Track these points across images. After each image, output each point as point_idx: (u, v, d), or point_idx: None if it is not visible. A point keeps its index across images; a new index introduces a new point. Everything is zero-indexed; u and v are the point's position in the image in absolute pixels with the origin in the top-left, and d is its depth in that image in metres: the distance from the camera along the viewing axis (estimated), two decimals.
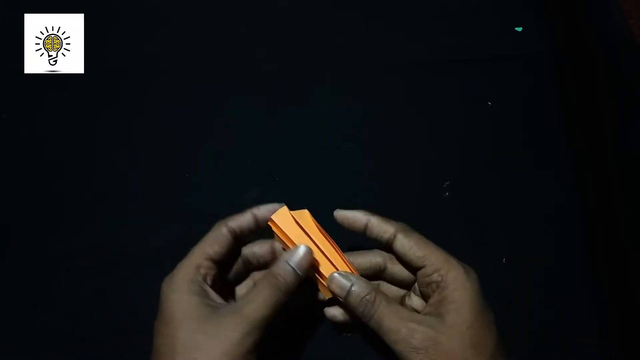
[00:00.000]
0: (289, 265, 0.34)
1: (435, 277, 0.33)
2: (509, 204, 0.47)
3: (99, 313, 0.43)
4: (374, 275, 0.38)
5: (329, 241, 0.37)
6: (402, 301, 0.38)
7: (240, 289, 0.39)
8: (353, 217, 0.37)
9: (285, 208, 0.37)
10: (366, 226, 0.36)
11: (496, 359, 0.32)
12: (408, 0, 0.56)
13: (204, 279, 0.34)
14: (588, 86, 0.52)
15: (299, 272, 0.34)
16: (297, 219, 0.36)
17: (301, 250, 0.34)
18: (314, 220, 0.37)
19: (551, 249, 0.45)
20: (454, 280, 0.33)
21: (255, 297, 0.32)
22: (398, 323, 0.32)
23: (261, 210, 0.37)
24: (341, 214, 0.37)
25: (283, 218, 0.36)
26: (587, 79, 0.52)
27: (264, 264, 0.39)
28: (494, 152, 0.49)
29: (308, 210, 0.38)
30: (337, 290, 0.35)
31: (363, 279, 0.36)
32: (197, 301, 0.32)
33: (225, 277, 0.37)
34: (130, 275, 0.44)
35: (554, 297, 0.43)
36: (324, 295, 0.38)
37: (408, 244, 0.35)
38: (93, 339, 0.42)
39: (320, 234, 0.37)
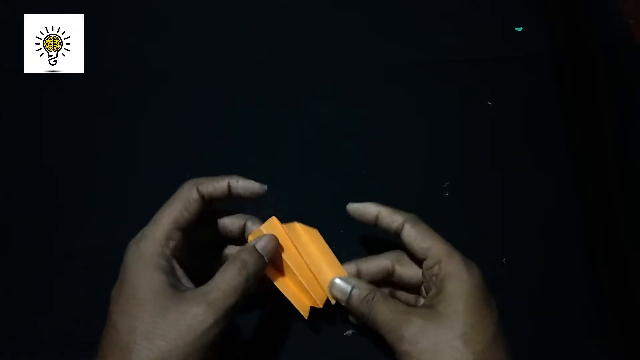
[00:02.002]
0: (256, 250, 0.33)
1: (435, 269, 0.33)
2: (509, 204, 0.47)
3: (99, 313, 0.43)
4: (383, 280, 0.38)
5: (322, 254, 0.37)
6: (412, 305, 0.38)
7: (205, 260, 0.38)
8: (364, 208, 0.37)
9: (274, 220, 0.36)
10: (377, 217, 0.36)
11: (489, 354, 0.31)
12: (409, 1, 0.56)
13: (173, 253, 0.32)
14: (588, 86, 0.52)
15: (265, 257, 0.33)
16: (288, 231, 0.36)
17: (267, 236, 0.34)
18: (304, 230, 0.38)
19: (551, 249, 0.45)
20: (452, 273, 0.32)
21: (222, 284, 0.31)
22: (391, 315, 0.32)
23: (239, 185, 0.35)
24: (353, 207, 0.37)
25: (272, 229, 0.36)
26: (587, 79, 0.52)
27: (232, 240, 0.38)
28: (494, 152, 0.49)
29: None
30: (338, 295, 0.35)
31: (362, 281, 0.36)
32: (163, 280, 0.30)
33: (190, 244, 0.36)
34: None
35: (554, 297, 0.43)
36: (303, 313, 0.37)
37: (414, 234, 0.35)
38: (93, 339, 0.42)
39: (309, 248, 0.37)
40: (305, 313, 0.36)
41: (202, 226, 0.36)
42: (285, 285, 0.36)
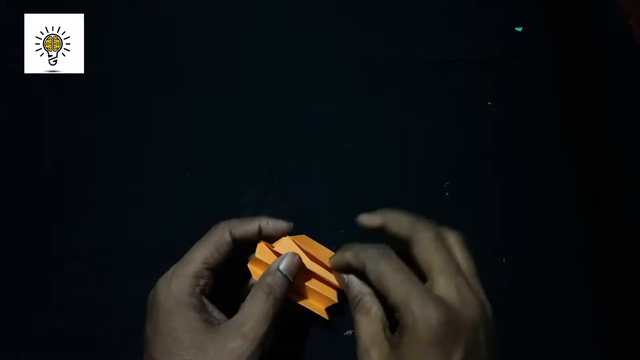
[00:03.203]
0: (280, 272, 0.34)
1: (395, 317, 0.31)
2: (509, 204, 0.47)
3: (99, 313, 0.43)
4: None
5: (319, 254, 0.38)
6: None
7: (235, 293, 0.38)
8: (335, 260, 0.37)
9: (262, 246, 0.37)
10: (347, 263, 0.35)
11: None
12: (408, 1, 0.56)
13: (202, 291, 0.33)
14: (588, 86, 0.52)
15: (289, 277, 0.34)
16: (281, 251, 0.37)
17: (288, 255, 0.35)
18: (296, 240, 0.38)
19: (551, 249, 0.45)
20: (407, 325, 0.30)
21: (252, 313, 0.32)
22: (361, 335, 0.33)
23: (270, 226, 0.37)
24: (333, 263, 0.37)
25: (261, 255, 0.37)
26: (587, 79, 0.52)
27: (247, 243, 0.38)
28: (494, 152, 0.49)
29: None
30: (340, 285, 0.36)
31: (358, 281, 0.36)
32: (197, 318, 0.31)
33: (218, 279, 0.37)
34: (130, 275, 0.44)
35: (554, 297, 0.43)
36: (322, 314, 0.39)
37: (373, 279, 0.33)
38: (93, 339, 0.42)
39: (307, 253, 0.38)
40: (324, 314, 0.38)
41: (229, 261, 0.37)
42: (298, 295, 0.38)
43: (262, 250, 0.37)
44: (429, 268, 0.32)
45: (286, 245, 0.38)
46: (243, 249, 0.38)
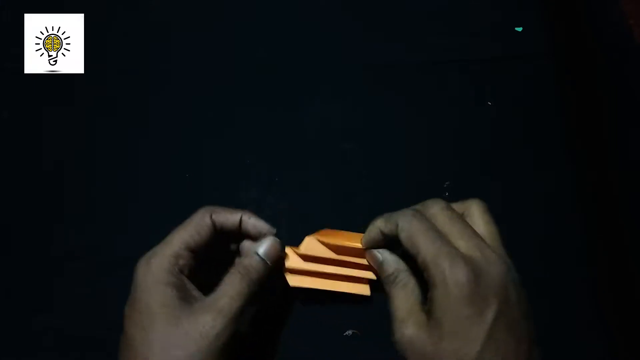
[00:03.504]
0: (258, 256, 0.35)
1: (425, 276, 0.32)
2: (509, 204, 0.47)
3: (99, 313, 0.43)
4: None
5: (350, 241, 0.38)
6: None
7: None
8: (367, 236, 0.37)
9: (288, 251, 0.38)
10: (381, 232, 0.36)
11: (487, 350, 0.29)
12: (408, 1, 0.56)
13: (181, 270, 0.34)
14: (588, 86, 0.52)
15: (268, 262, 0.35)
16: (308, 252, 0.38)
17: (269, 240, 0.36)
18: (336, 232, 0.39)
19: (551, 249, 0.45)
20: (436, 284, 0.31)
21: (228, 290, 0.33)
22: (397, 309, 0.33)
23: (250, 222, 0.37)
24: (364, 242, 0.37)
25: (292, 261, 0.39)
26: (587, 79, 0.52)
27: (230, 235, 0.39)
28: (494, 152, 0.49)
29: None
30: (373, 264, 0.37)
31: (395, 257, 0.36)
32: (173, 295, 0.32)
33: (204, 264, 0.37)
34: (130, 276, 0.44)
35: (554, 297, 0.43)
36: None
37: (404, 238, 0.33)
38: (93, 339, 0.42)
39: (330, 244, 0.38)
40: (366, 291, 0.39)
41: (213, 245, 0.38)
42: (334, 285, 0.39)
43: (290, 256, 0.38)
44: (448, 237, 0.33)
45: (311, 245, 0.38)
46: (227, 238, 0.38)
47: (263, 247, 0.36)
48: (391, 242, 0.36)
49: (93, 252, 0.45)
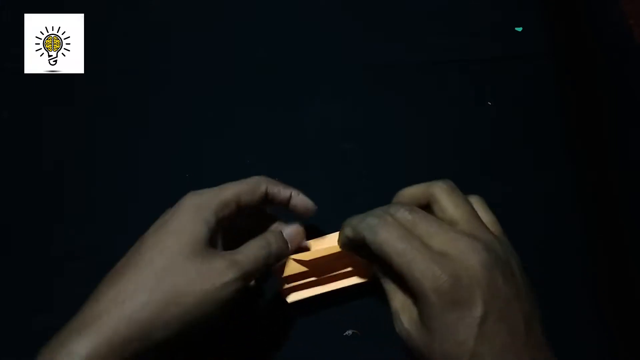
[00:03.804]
0: (282, 235, 0.37)
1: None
2: (509, 204, 0.47)
3: None
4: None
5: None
6: None
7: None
8: (345, 245, 0.36)
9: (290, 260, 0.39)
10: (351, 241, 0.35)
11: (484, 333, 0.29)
12: (408, 1, 0.56)
13: (222, 219, 0.34)
14: (588, 86, 0.52)
15: (289, 244, 0.37)
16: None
17: (295, 225, 0.38)
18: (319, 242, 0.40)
19: (551, 249, 0.45)
20: (459, 255, 0.30)
21: (246, 252, 0.34)
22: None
23: (299, 198, 0.38)
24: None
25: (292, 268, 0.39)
26: (587, 79, 0.52)
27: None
28: (494, 152, 0.49)
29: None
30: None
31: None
32: (205, 234, 0.33)
33: (235, 227, 0.38)
34: None
35: (554, 297, 0.43)
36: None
37: (375, 249, 0.32)
38: None
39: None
40: (367, 278, 0.40)
41: (251, 216, 0.39)
42: (333, 285, 0.40)
43: (290, 266, 0.39)
44: (419, 238, 0.31)
45: (292, 267, 0.38)
46: (262, 216, 0.40)
47: (288, 229, 0.38)
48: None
49: (93, 252, 0.45)
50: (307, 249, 0.39)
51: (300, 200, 0.38)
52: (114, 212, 0.47)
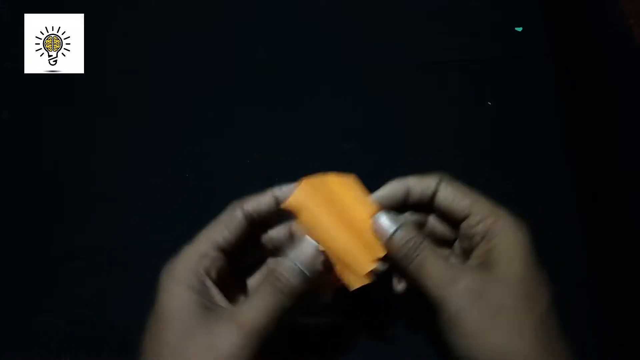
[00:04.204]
0: (295, 264, 0.29)
1: (480, 227, 0.30)
2: (508, 204, 0.47)
3: (99, 313, 0.43)
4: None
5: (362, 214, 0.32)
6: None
7: (253, 281, 0.34)
8: (391, 192, 0.33)
9: (303, 186, 0.32)
10: (407, 193, 0.33)
11: (550, 317, 0.29)
12: (408, 1, 0.56)
13: (207, 272, 0.30)
14: (588, 86, 0.52)
15: (307, 273, 0.29)
16: (322, 195, 0.32)
17: (309, 247, 0.29)
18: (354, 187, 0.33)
19: (551, 249, 0.45)
20: (503, 230, 0.30)
21: (254, 303, 0.28)
22: (442, 267, 0.28)
23: (283, 191, 0.33)
24: (379, 197, 0.33)
25: (303, 197, 0.32)
26: (587, 79, 0.52)
27: (282, 250, 0.33)
28: (494, 152, 0.49)
29: None
30: (380, 232, 0.31)
31: (410, 222, 0.32)
32: (194, 300, 0.28)
33: (239, 267, 0.33)
34: (130, 275, 0.44)
35: (554, 297, 0.43)
36: (351, 284, 0.32)
37: (451, 192, 0.32)
38: (93, 339, 0.42)
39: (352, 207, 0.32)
40: (366, 280, 0.32)
41: (252, 248, 0.34)
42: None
43: (306, 186, 0.33)
44: (472, 207, 0.31)
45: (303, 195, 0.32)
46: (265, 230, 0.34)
47: (301, 255, 0.29)
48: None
49: (93, 252, 0.45)
50: (333, 277, 0.32)
51: (283, 194, 0.33)
52: (114, 212, 0.47)
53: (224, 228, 0.31)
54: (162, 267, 0.34)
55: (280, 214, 0.33)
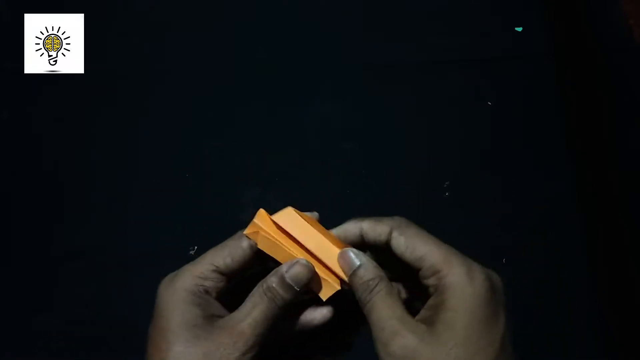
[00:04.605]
0: (286, 279, 0.31)
1: (432, 281, 0.29)
2: (509, 204, 0.47)
3: (99, 313, 0.43)
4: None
5: (325, 236, 0.35)
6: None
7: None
8: (344, 231, 0.32)
9: (262, 212, 0.34)
10: (361, 235, 0.32)
11: None
12: (408, 1, 0.56)
13: (207, 291, 0.31)
14: (588, 86, 0.52)
15: (296, 287, 0.31)
16: (281, 222, 0.34)
17: (299, 264, 0.31)
18: (302, 216, 0.35)
19: (551, 249, 0.45)
20: (451, 286, 0.28)
21: (251, 312, 0.30)
22: (386, 319, 0.28)
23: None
24: (335, 234, 0.35)
25: (265, 223, 0.34)
26: (587, 79, 0.52)
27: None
28: (494, 152, 0.49)
29: (309, 210, 0.37)
30: (344, 267, 0.31)
31: (374, 263, 0.31)
32: (196, 314, 0.29)
33: (241, 286, 0.36)
34: (130, 275, 0.44)
35: (554, 297, 0.43)
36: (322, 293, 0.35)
37: (403, 243, 0.30)
38: (93, 339, 0.42)
39: (311, 231, 0.34)
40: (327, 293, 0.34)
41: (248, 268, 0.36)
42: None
43: (261, 217, 0.34)
44: (424, 260, 0.31)
45: (288, 217, 0.34)
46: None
47: (290, 271, 0.31)
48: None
49: (93, 252, 0.45)
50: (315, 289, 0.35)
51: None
52: (114, 212, 0.47)
53: (227, 254, 0.33)
54: (162, 267, 0.34)
55: None
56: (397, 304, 0.30)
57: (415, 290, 0.31)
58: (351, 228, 0.32)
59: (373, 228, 0.32)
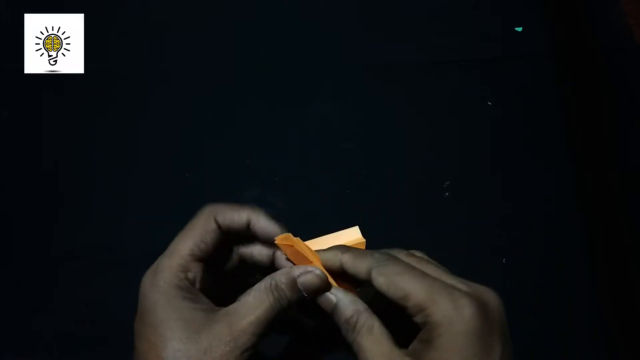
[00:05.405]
0: (297, 284, 0.31)
1: (419, 318, 0.28)
2: (509, 204, 0.47)
3: (99, 313, 0.43)
4: None
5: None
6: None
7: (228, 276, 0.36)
8: (326, 259, 0.32)
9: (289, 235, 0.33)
10: (342, 267, 0.32)
11: None
12: (408, 1, 0.56)
13: (192, 283, 0.31)
14: (588, 86, 0.52)
15: (304, 293, 0.31)
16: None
17: (314, 273, 0.31)
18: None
19: (551, 249, 0.45)
20: (438, 324, 0.27)
21: (254, 310, 0.29)
22: (373, 357, 0.29)
23: (260, 224, 0.32)
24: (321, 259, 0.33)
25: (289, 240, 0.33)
26: (587, 79, 0.52)
27: (260, 267, 0.35)
28: (494, 152, 0.49)
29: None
30: (325, 308, 0.32)
31: (352, 296, 0.31)
32: (188, 307, 0.30)
33: (218, 272, 0.34)
34: (130, 275, 0.44)
35: (554, 297, 0.43)
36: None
37: (384, 283, 0.29)
38: (93, 339, 0.42)
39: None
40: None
41: (228, 254, 0.35)
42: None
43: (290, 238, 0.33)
44: (408, 299, 0.29)
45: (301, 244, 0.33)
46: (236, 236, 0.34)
47: (304, 278, 0.31)
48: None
49: (93, 252, 0.45)
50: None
51: (260, 227, 0.32)
52: (114, 212, 0.47)
53: (200, 240, 0.32)
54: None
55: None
56: (382, 337, 0.29)
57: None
58: (331, 259, 0.32)
59: (353, 264, 0.31)
